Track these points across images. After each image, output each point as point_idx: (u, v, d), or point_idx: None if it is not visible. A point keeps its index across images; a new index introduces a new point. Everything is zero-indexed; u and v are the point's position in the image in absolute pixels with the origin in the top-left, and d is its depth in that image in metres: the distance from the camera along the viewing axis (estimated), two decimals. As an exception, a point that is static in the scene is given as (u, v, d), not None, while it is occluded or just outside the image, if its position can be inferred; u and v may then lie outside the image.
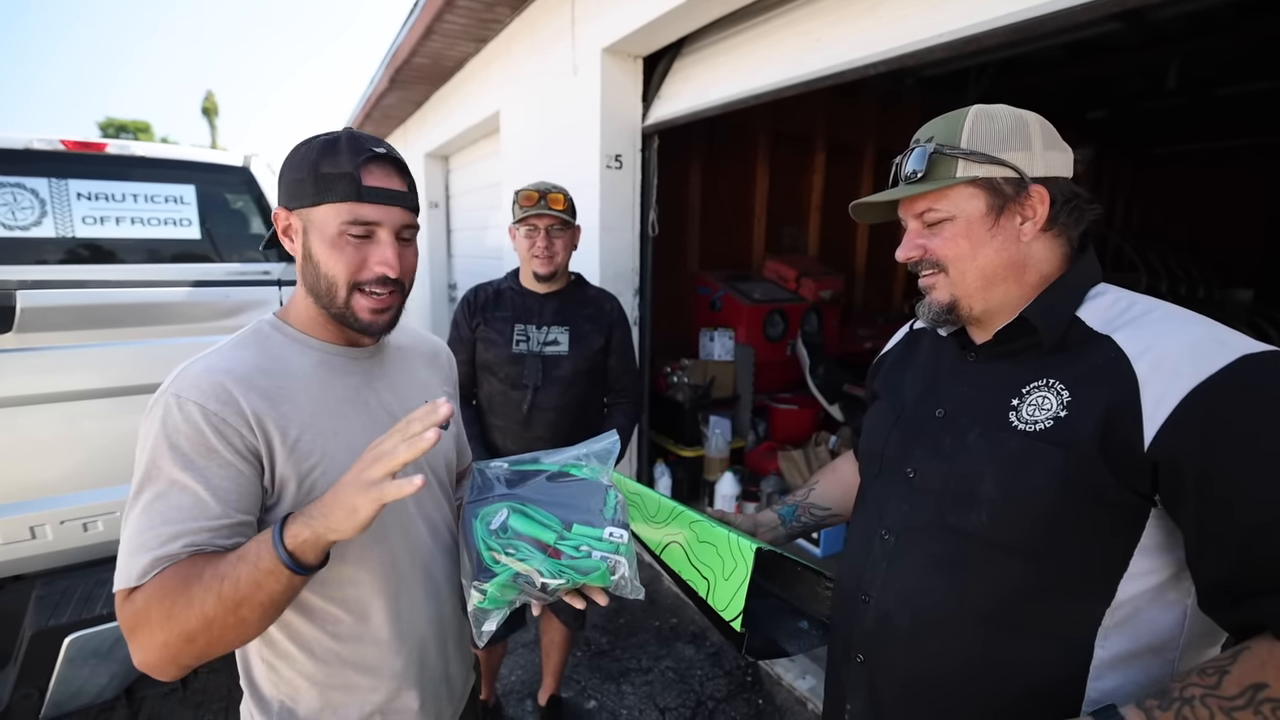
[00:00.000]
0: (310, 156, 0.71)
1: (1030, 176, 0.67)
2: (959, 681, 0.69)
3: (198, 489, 0.63)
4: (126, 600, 0.61)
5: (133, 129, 27.38)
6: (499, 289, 1.67)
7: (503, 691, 2.02)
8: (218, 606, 0.58)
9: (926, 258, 0.72)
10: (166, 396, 0.65)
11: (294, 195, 0.72)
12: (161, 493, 0.63)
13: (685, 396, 3.16)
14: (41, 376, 1.52)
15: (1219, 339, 0.59)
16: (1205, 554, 0.57)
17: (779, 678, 2.10)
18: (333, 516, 0.57)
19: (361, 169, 0.70)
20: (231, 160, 1.91)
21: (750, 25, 2.25)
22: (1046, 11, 1.32)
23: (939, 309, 0.73)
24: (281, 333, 0.76)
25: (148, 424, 0.66)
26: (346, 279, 0.71)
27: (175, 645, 0.59)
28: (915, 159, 0.70)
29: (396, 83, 4.54)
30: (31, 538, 1.53)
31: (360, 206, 0.70)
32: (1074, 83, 4.26)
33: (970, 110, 0.70)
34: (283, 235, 0.75)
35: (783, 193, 4.18)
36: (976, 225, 0.68)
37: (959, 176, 0.67)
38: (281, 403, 0.70)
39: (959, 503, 0.68)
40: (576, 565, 0.72)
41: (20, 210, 1.59)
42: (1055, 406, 0.64)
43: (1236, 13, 3.03)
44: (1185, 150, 5.87)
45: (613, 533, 0.74)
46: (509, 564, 0.72)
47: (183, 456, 0.63)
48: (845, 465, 1.05)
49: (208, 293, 1.73)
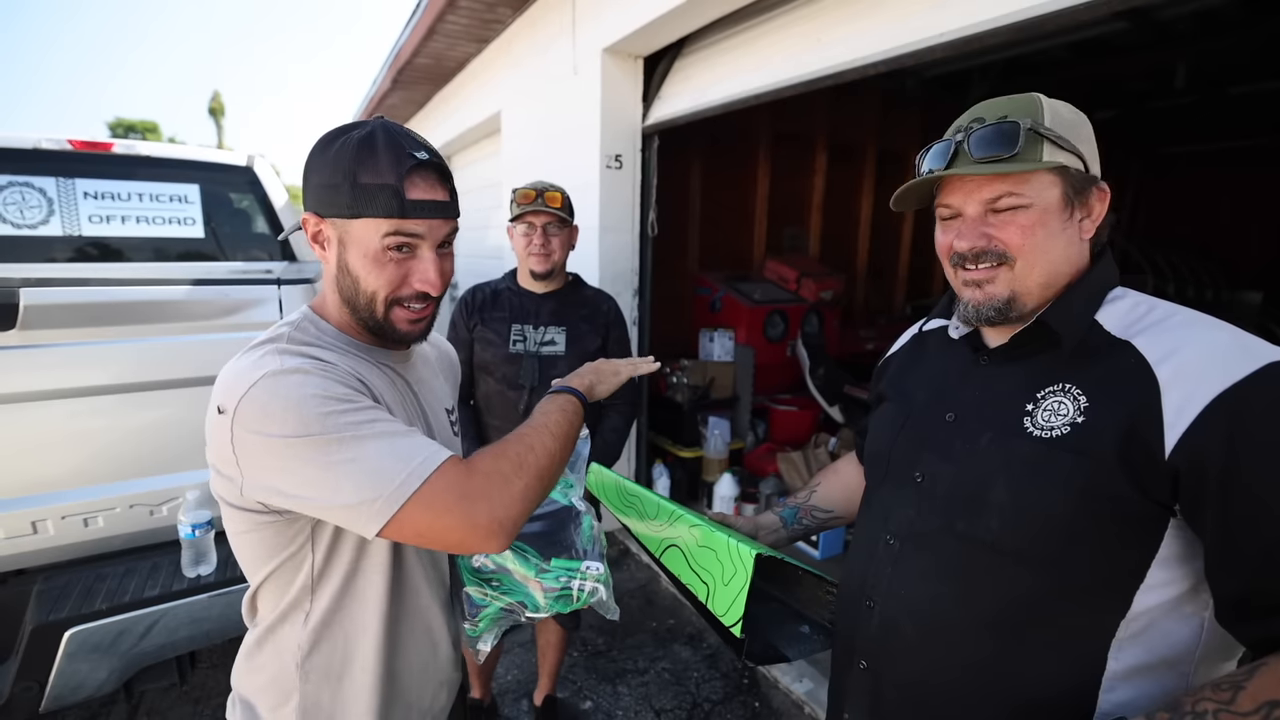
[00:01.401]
0: (344, 160, 0.65)
1: (1093, 172, 0.64)
2: (964, 691, 0.67)
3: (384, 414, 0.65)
4: (448, 481, 0.62)
5: (141, 129, 27.64)
6: (496, 289, 1.67)
7: (498, 691, 2.02)
8: (556, 442, 0.71)
9: (992, 248, 0.65)
10: (270, 377, 0.61)
11: (327, 202, 0.67)
12: (371, 419, 0.62)
13: (684, 397, 3.16)
14: (44, 373, 1.53)
15: (1243, 346, 0.57)
16: (1225, 565, 0.55)
17: (776, 681, 2.09)
18: (604, 382, 0.85)
19: (405, 180, 0.65)
20: (235, 160, 1.93)
21: (751, 25, 2.25)
22: (1049, 10, 1.31)
23: (997, 304, 0.66)
24: (323, 331, 0.73)
25: (266, 405, 0.60)
26: (387, 295, 0.69)
27: (535, 489, 0.66)
28: (1003, 135, 0.62)
29: (399, 83, 4.56)
30: (33, 532, 1.55)
31: (404, 222, 0.66)
32: (1080, 83, 4.23)
33: (1035, 95, 0.65)
34: (313, 242, 0.71)
35: (783, 193, 4.17)
36: (1053, 216, 0.64)
37: (1046, 160, 0.62)
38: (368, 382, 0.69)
39: (969, 509, 0.66)
40: (559, 595, 0.75)
41: (28, 209, 1.61)
42: (1072, 412, 0.62)
43: (1246, 10, 3.00)
44: (1194, 151, 5.81)
45: (589, 566, 0.76)
46: (493, 600, 0.75)
47: (344, 403, 0.62)
48: (846, 467, 1.03)
49: (208, 291, 1.74)
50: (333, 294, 0.73)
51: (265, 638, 0.73)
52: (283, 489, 0.61)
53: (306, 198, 0.70)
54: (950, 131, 0.69)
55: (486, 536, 0.62)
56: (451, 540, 0.64)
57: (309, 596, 0.71)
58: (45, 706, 1.42)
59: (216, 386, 0.65)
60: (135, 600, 1.50)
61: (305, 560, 0.70)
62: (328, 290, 0.74)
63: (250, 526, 0.67)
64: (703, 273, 3.76)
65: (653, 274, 2.90)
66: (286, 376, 0.62)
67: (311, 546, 0.69)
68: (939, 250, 0.73)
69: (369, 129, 0.67)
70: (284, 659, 0.72)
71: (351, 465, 0.59)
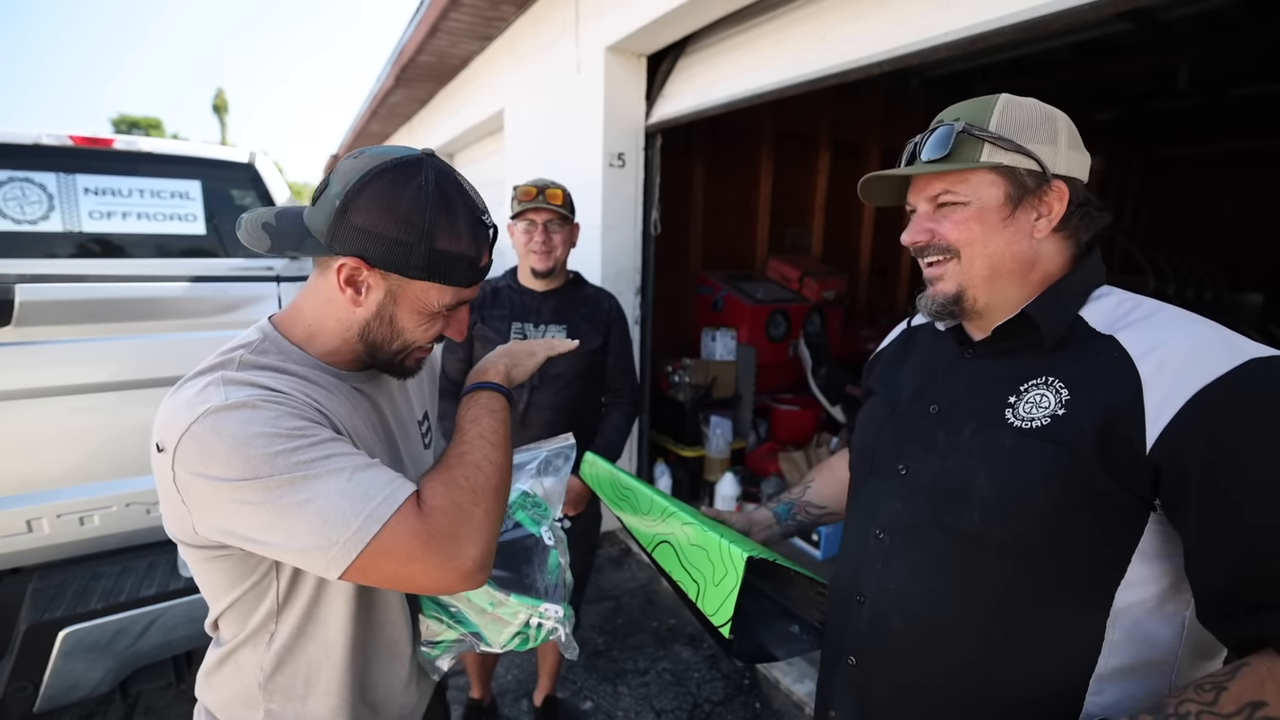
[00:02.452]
0: (423, 221, 0.61)
1: (1052, 172, 0.65)
2: (953, 690, 0.67)
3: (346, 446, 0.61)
4: (409, 525, 0.57)
5: (144, 125, 27.62)
6: (496, 287, 1.66)
7: (498, 691, 2.01)
8: (498, 452, 0.67)
9: (935, 242, 0.69)
10: (218, 412, 0.57)
11: (390, 259, 0.62)
12: (331, 454, 0.58)
13: (686, 396, 3.15)
14: (40, 370, 1.52)
15: (1226, 342, 0.57)
16: (1205, 561, 0.55)
17: (777, 681, 2.08)
18: (520, 365, 0.78)
19: (484, 252, 0.66)
20: (237, 157, 1.92)
21: (754, 24, 2.24)
22: (1053, 10, 1.30)
23: (945, 299, 0.70)
24: (280, 349, 0.67)
25: (208, 446, 0.56)
26: (422, 344, 0.71)
27: (495, 512, 0.63)
28: (939, 138, 0.67)
29: (403, 81, 4.55)
30: (28, 531, 1.53)
31: (470, 291, 0.68)
32: (1082, 84, 4.22)
33: (1000, 97, 0.68)
34: (349, 287, 0.64)
35: (786, 192, 4.16)
36: (991, 213, 0.66)
37: (983, 161, 0.65)
38: (334, 409, 0.66)
39: (953, 501, 0.67)
40: (516, 631, 0.72)
41: (29, 205, 1.60)
42: (1053, 404, 0.62)
43: (1250, 12, 2.99)
44: (1196, 152, 5.80)
45: (548, 609, 0.71)
46: (445, 634, 0.74)
47: (300, 438, 0.57)
48: (840, 464, 1.03)
49: (206, 288, 1.73)
50: (335, 325, 0.68)
51: (227, 658, 0.71)
52: (234, 531, 0.57)
53: (351, 239, 0.62)
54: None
55: (463, 578, 0.59)
56: (430, 586, 0.61)
57: (273, 621, 0.69)
58: (40, 706, 1.40)
59: (156, 420, 0.60)
60: (131, 599, 1.49)
61: (269, 589, 0.67)
62: (310, 314, 0.68)
63: (209, 558, 0.64)
64: (705, 272, 3.75)
65: (655, 273, 2.89)
66: (230, 413, 0.56)
67: (276, 575, 0.66)
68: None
69: (434, 181, 0.63)
70: (246, 679, 0.70)
71: (305, 508, 0.55)
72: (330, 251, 0.63)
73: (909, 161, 0.71)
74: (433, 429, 0.91)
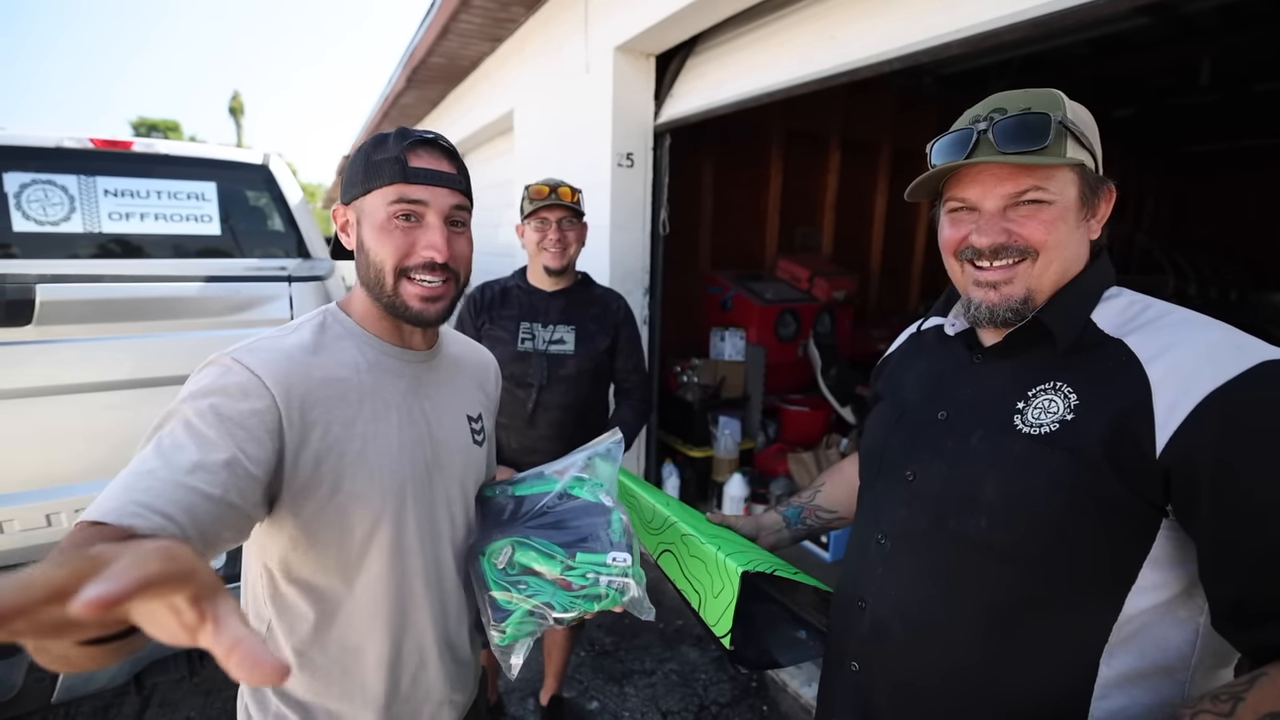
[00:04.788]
0: (364, 150, 0.73)
1: (1100, 173, 0.64)
2: (954, 697, 0.66)
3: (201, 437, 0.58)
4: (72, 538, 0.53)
5: (163, 128, 28.16)
6: (505, 287, 1.67)
7: (505, 690, 2.02)
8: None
9: (1013, 243, 0.63)
10: (224, 358, 0.65)
11: (348, 188, 0.74)
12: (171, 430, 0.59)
13: (695, 396, 3.14)
14: (60, 368, 1.56)
15: (1236, 344, 0.56)
16: (1219, 567, 0.54)
17: (784, 684, 2.07)
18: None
19: (407, 151, 0.70)
20: (252, 158, 1.95)
21: (764, 23, 2.22)
22: (1069, 5, 1.28)
23: (1014, 305, 0.64)
24: (341, 325, 0.75)
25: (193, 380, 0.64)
26: (394, 265, 0.70)
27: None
28: (1033, 127, 0.59)
29: (414, 82, 4.59)
30: (47, 525, 1.57)
31: (406, 187, 0.70)
32: (1100, 80, 4.14)
33: (1055, 90, 0.63)
34: (342, 233, 0.76)
35: (796, 192, 4.13)
36: (1072, 213, 0.62)
37: (1070, 156, 0.60)
38: (334, 404, 0.68)
39: (960, 507, 0.66)
40: (587, 593, 0.72)
41: (51, 206, 1.64)
42: (1062, 410, 0.61)
43: (1273, 4, 2.91)
44: (1218, 149, 5.67)
45: (616, 557, 0.72)
46: (520, 602, 0.73)
47: (210, 409, 0.60)
48: (851, 466, 1.02)
49: (220, 288, 1.76)
50: (358, 282, 0.76)
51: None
52: None
53: (341, 197, 0.77)
54: (966, 120, 0.66)
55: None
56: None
57: (309, 611, 0.71)
58: (57, 698, 1.43)
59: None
60: (148, 593, 1.52)
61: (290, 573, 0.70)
62: (358, 279, 0.77)
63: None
64: (714, 271, 3.74)
65: (664, 273, 2.88)
66: (210, 365, 0.65)
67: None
68: (945, 245, 0.71)
69: (390, 131, 0.74)
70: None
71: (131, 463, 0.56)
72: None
73: (971, 151, 0.63)
74: (487, 432, 0.90)
